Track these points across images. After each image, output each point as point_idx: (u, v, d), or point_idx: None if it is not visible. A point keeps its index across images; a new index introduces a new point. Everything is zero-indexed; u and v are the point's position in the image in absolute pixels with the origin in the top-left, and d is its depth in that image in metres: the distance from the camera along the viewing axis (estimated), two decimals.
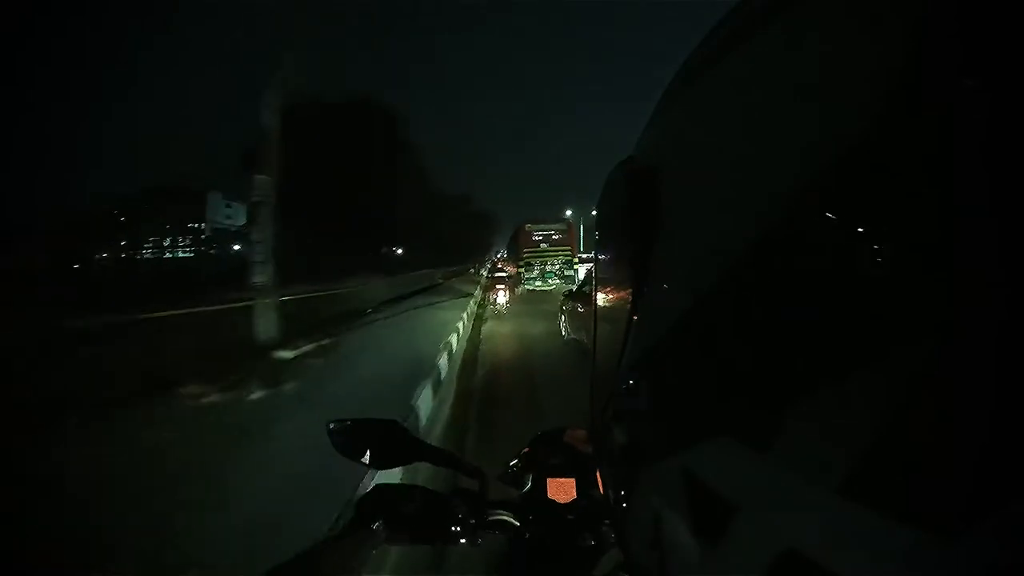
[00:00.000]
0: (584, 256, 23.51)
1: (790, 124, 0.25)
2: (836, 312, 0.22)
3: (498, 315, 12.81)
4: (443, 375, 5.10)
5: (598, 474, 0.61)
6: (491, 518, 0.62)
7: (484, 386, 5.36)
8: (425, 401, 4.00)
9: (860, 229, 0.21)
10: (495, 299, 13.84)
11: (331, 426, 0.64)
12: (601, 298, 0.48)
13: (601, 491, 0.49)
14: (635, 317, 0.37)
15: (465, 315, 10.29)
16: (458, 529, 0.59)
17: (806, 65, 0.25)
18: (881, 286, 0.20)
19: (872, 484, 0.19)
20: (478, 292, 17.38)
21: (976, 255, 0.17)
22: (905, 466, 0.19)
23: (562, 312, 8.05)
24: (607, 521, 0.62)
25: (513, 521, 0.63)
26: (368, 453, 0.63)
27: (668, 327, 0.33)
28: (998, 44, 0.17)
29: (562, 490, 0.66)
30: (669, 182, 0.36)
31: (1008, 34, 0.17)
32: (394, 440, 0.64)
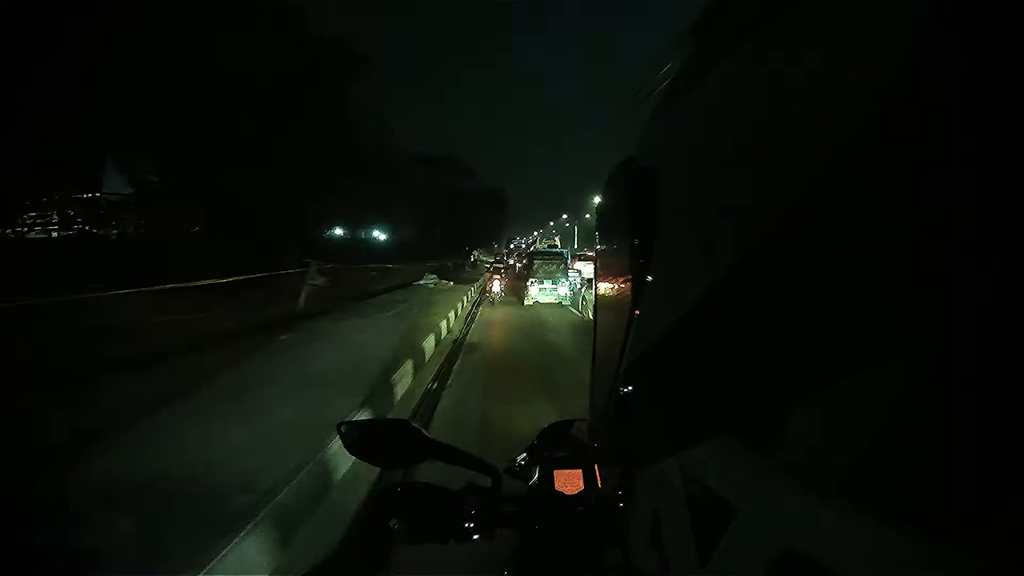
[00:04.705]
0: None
1: (790, 124, 0.25)
2: (836, 312, 0.22)
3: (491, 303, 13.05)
4: None
5: (598, 474, 0.61)
6: (504, 513, 0.62)
7: None
8: None
9: (860, 229, 0.21)
10: (491, 287, 14.02)
11: (342, 428, 0.64)
12: (602, 297, 0.47)
13: (597, 475, 0.49)
14: (635, 317, 0.37)
15: None
16: (472, 526, 0.59)
17: (806, 65, 0.25)
18: (882, 286, 0.20)
19: (871, 484, 0.20)
20: None
21: (976, 256, 0.17)
22: (905, 466, 0.19)
23: None
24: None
25: (526, 515, 0.63)
26: (380, 453, 0.64)
27: (668, 327, 0.33)
28: (998, 44, 0.17)
29: (569, 482, 0.67)
30: (669, 182, 0.36)
31: (1008, 34, 0.17)
32: (405, 439, 0.64)
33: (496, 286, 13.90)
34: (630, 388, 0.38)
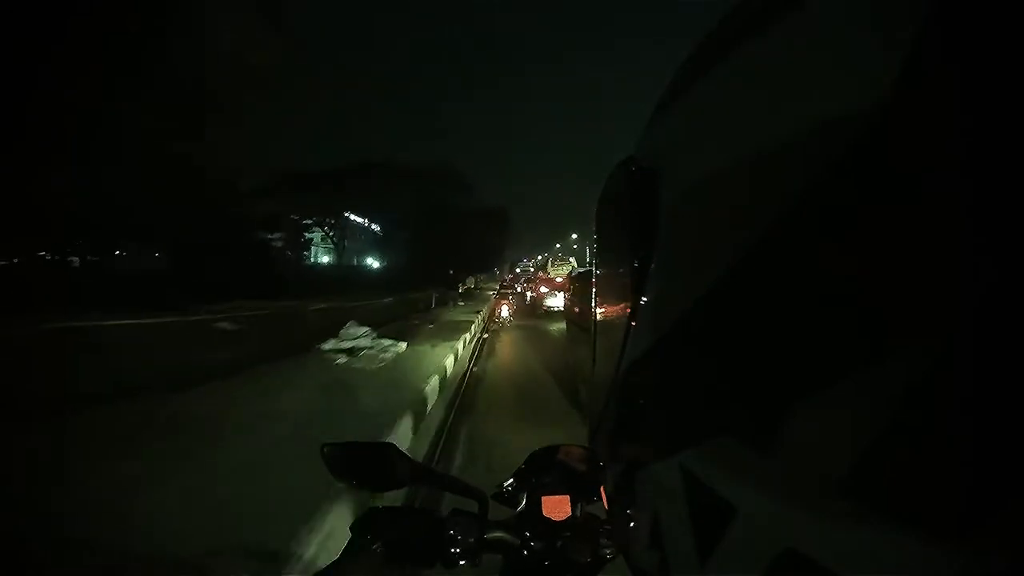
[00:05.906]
0: None
1: (790, 125, 0.25)
2: (836, 312, 0.22)
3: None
4: None
5: (598, 477, 0.60)
6: (491, 538, 0.61)
7: None
8: None
9: (861, 230, 0.21)
10: (499, 312, 15.54)
11: (325, 449, 0.62)
12: (601, 299, 0.48)
13: (603, 497, 0.48)
14: (635, 318, 0.37)
15: None
16: (458, 551, 0.58)
17: (806, 66, 0.25)
18: (881, 287, 0.20)
19: (872, 485, 0.19)
20: None
21: (976, 256, 0.17)
22: (905, 467, 0.19)
23: None
24: (603, 538, 0.62)
25: (513, 540, 0.62)
26: (365, 476, 0.63)
27: (668, 328, 0.33)
28: (998, 45, 0.17)
29: (557, 507, 0.66)
30: (669, 182, 0.36)
31: (1008, 35, 0.17)
32: (389, 462, 0.63)
33: (504, 311, 15.75)
34: (630, 388, 0.38)
